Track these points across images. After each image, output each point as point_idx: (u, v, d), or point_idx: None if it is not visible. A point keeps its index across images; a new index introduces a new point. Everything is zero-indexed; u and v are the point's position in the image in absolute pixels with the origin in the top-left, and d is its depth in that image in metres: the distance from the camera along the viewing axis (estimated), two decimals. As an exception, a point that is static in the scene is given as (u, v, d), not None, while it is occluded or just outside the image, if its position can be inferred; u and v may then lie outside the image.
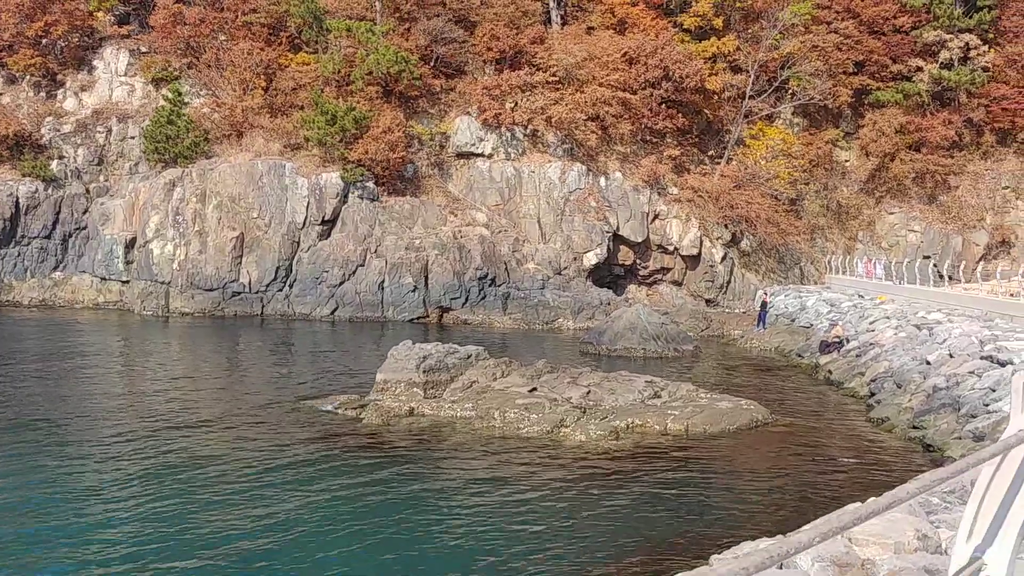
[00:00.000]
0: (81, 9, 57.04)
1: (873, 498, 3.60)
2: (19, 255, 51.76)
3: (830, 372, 30.99)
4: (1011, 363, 22.10)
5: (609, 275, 54.13)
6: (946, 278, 42.90)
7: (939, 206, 58.92)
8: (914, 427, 21.54)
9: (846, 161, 60.77)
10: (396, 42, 51.94)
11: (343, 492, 15.97)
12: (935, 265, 48.94)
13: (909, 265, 45.48)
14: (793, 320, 43.71)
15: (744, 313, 50.83)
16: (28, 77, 57.34)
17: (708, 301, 54.50)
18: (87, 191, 54.08)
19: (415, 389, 23.42)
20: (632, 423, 21.56)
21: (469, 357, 25.38)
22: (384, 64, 49.80)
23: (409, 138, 52.03)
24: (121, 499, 15.31)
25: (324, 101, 49.09)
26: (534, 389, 23.28)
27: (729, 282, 55.26)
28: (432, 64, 54.03)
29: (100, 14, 58.34)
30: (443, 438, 20.11)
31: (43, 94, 57.56)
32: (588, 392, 23.67)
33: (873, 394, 25.99)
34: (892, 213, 59.22)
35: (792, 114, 60.50)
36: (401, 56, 50.13)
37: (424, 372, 23.76)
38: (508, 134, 53.09)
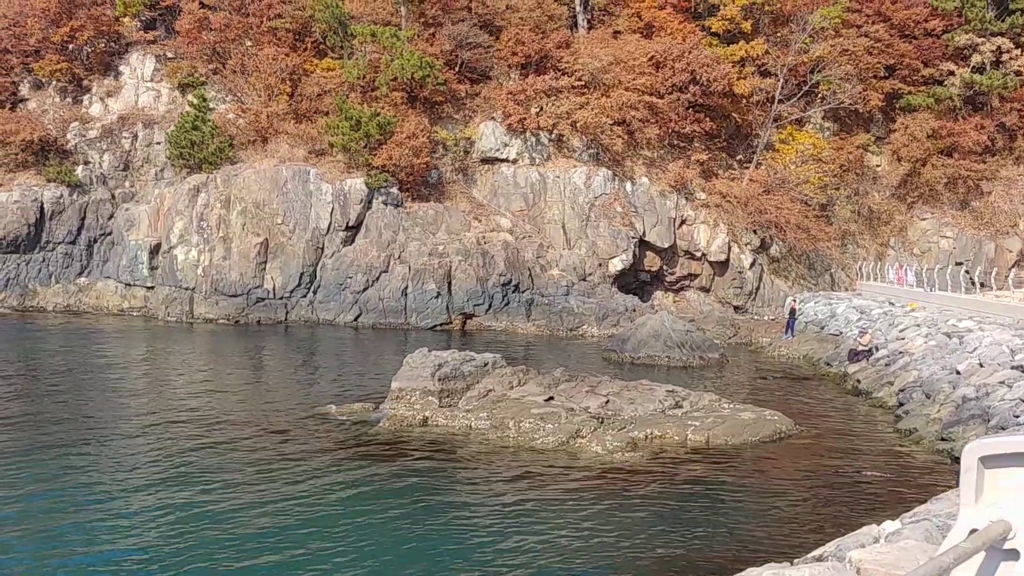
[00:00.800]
0: (107, 15, 57.34)
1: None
2: (44, 260, 51.99)
3: (858, 381, 30.29)
4: (1044, 374, 21.41)
5: (635, 281, 53.55)
6: (978, 285, 41.96)
7: (971, 212, 57.81)
8: (943, 439, 20.88)
9: (877, 166, 59.80)
10: (421, 47, 51.71)
11: (350, 503, 15.61)
12: (967, 272, 47.92)
13: (940, 272, 44.57)
14: (822, 328, 42.91)
15: (773, 320, 50.04)
16: (54, 83, 57.69)
17: (736, 308, 53.75)
18: (113, 197, 54.29)
19: (430, 397, 23.03)
20: (651, 434, 21.05)
21: (486, 365, 24.97)
22: (409, 69, 49.59)
23: (433, 143, 51.79)
24: (127, 505, 15.07)
25: (348, 107, 48.94)
26: (551, 398, 22.83)
27: (758, 288, 54.49)
28: (457, 69, 53.76)
29: (126, 20, 58.58)
30: (456, 449, 19.71)
31: (69, 99, 57.87)
32: (607, 401, 23.18)
33: (901, 404, 25.30)
34: (924, 219, 58.19)
35: (822, 118, 59.64)
36: (426, 61, 49.90)
37: (439, 380, 23.38)
38: (533, 139, 52.70)
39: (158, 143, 54.62)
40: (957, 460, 19.04)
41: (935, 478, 18.19)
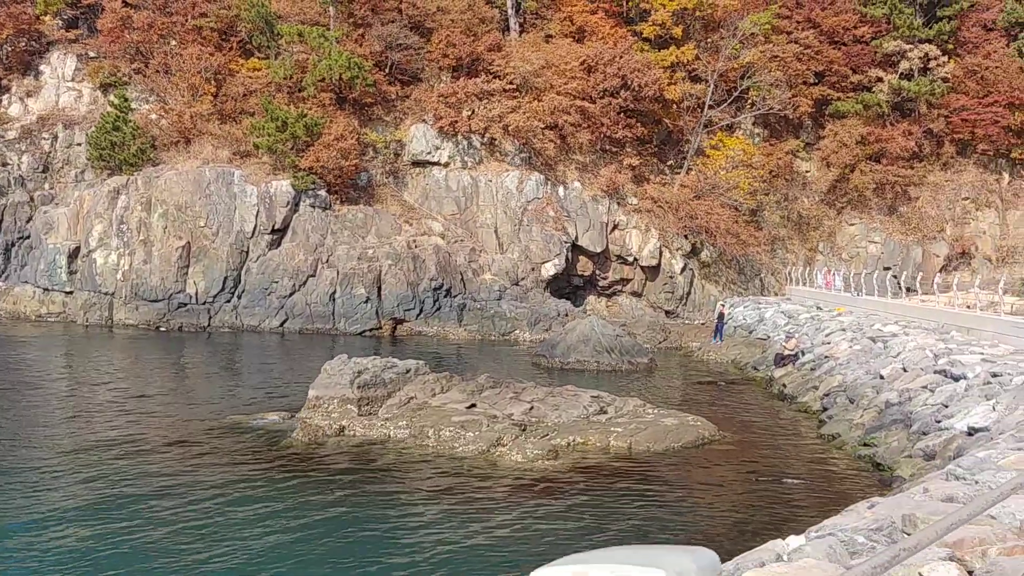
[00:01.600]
0: (28, 13, 55.52)
1: None
2: (-42, 265, 50.13)
3: (784, 386, 30.23)
4: (964, 377, 21.39)
5: (568, 286, 53.31)
6: (903, 290, 42.40)
7: (899, 217, 58.63)
8: (865, 444, 20.75)
9: (807, 172, 60.36)
10: (349, 48, 50.88)
11: (255, 520, 14.88)
12: (895, 276, 48.46)
13: (868, 276, 44.97)
14: (751, 332, 43.04)
15: (703, 324, 50.19)
16: (-29, 82, 55.78)
17: (668, 312, 53.80)
18: (31, 199, 52.53)
19: (349, 406, 22.33)
20: (573, 441, 20.62)
21: (408, 372, 24.33)
22: (336, 70, 48.75)
23: (363, 146, 51.00)
24: (20, 522, 14.16)
25: (274, 107, 47.91)
26: (473, 405, 22.28)
27: (689, 293, 54.61)
28: (387, 71, 53.03)
29: (47, 18, 56.83)
30: (371, 459, 19.05)
31: (-14, 99, 55.97)
32: (531, 408, 22.72)
33: (825, 409, 25.22)
34: (852, 224, 58.87)
35: (752, 124, 60.04)
36: (354, 62, 49.09)
37: (359, 388, 22.68)
38: (465, 142, 52.19)
39: (79, 144, 53.04)
40: (879, 466, 18.95)
41: (855, 484, 18.01)
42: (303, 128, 47.24)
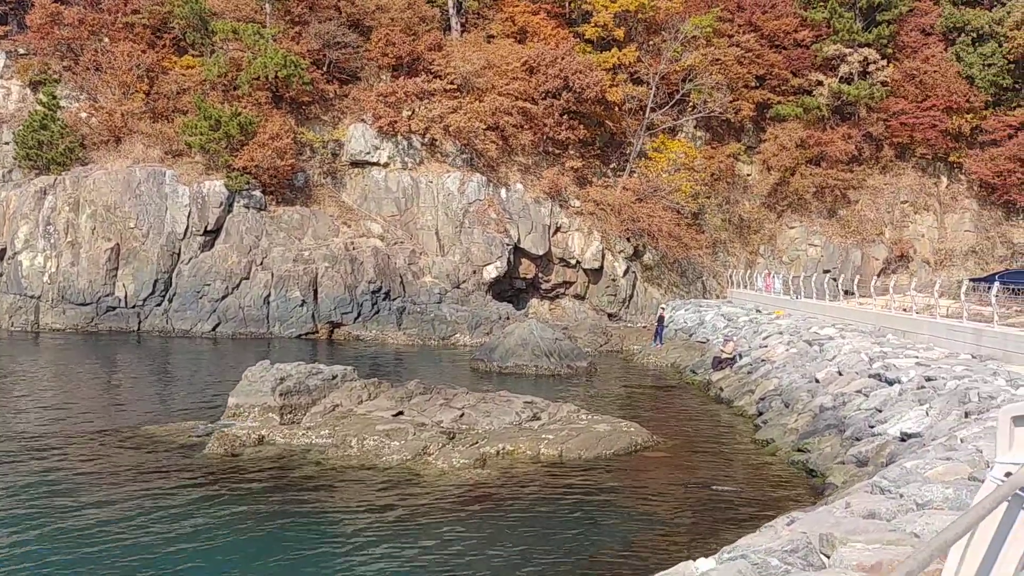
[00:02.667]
0: (-47, 7, 53.72)
1: None
2: None
3: (721, 390, 29.91)
4: (899, 381, 21.15)
5: (511, 289, 52.77)
6: (840, 292, 42.46)
7: (839, 220, 58.95)
8: (798, 450, 20.40)
9: (748, 175, 60.51)
10: (286, 46, 49.86)
11: (154, 539, 14.03)
12: (834, 279, 48.61)
13: (807, 279, 45.00)
14: (691, 335, 42.80)
15: (645, 327, 49.91)
16: None
17: (611, 315, 53.51)
18: (-45, 199, 50.68)
19: (271, 414, 21.53)
20: (503, 449, 20.00)
21: (334, 378, 23.54)
22: (272, 68, 47.72)
23: (300, 145, 50.01)
24: None
25: (207, 106, 46.74)
26: (400, 413, 21.58)
27: (631, 296, 54.39)
28: (325, 69, 52.08)
29: (-27, 13, 55.03)
30: (288, 471, 18.24)
31: (-91, 96, 53.95)
32: (461, 415, 22.09)
33: (761, 413, 24.90)
34: (793, 227, 59.09)
35: (695, 128, 60.04)
36: (290, 60, 48.11)
37: (281, 395, 21.88)
38: (405, 143, 51.42)
39: (6, 143, 51.30)
40: (812, 473, 18.58)
41: (787, 492, 17.61)
42: (237, 127, 46.17)
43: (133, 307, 45.63)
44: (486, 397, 23.59)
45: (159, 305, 45.83)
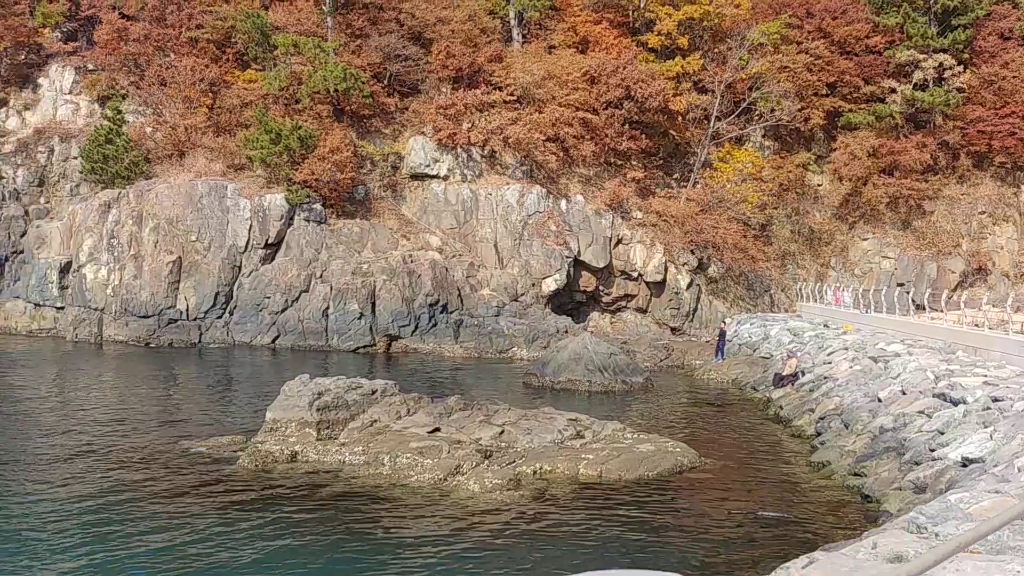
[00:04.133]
0: (27, 25, 55.00)
1: None
2: (-50, 280, 49.44)
3: (781, 408, 28.71)
4: (964, 401, 19.91)
5: (571, 302, 51.92)
6: (912, 307, 40.73)
7: (914, 232, 56.89)
8: (855, 474, 19.26)
9: (818, 185, 58.80)
10: (346, 59, 49.89)
11: (164, 557, 13.64)
12: (908, 293, 46.75)
13: (877, 293, 43.34)
14: (755, 350, 41.45)
15: (709, 342, 48.50)
16: (-31, 95, 55.28)
17: (674, 329, 52.28)
18: (26, 213, 51.92)
19: (308, 429, 21.07)
20: (540, 469, 19.28)
21: (374, 393, 23.02)
22: (331, 81, 47.72)
23: (360, 159, 49.95)
24: None
25: (268, 120, 46.94)
26: (436, 429, 20.97)
27: (696, 309, 53.07)
28: (386, 82, 52.02)
29: (46, 31, 56.31)
30: (315, 489, 17.74)
31: (-16, 113, 55.45)
32: (501, 432, 21.39)
33: (819, 434, 23.71)
34: (865, 239, 57.20)
35: (762, 137, 58.58)
36: (350, 73, 48.07)
37: (318, 410, 21.41)
38: (464, 155, 51.03)
39: (75, 158, 52.37)
40: (867, 498, 17.47)
41: (838, 519, 16.56)
42: (297, 140, 46.25)
43: (194, 319, 45.92)
44: (528, 414, 22.87)
45: (220, 317, 46.05)
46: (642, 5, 56.09)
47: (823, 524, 16.29)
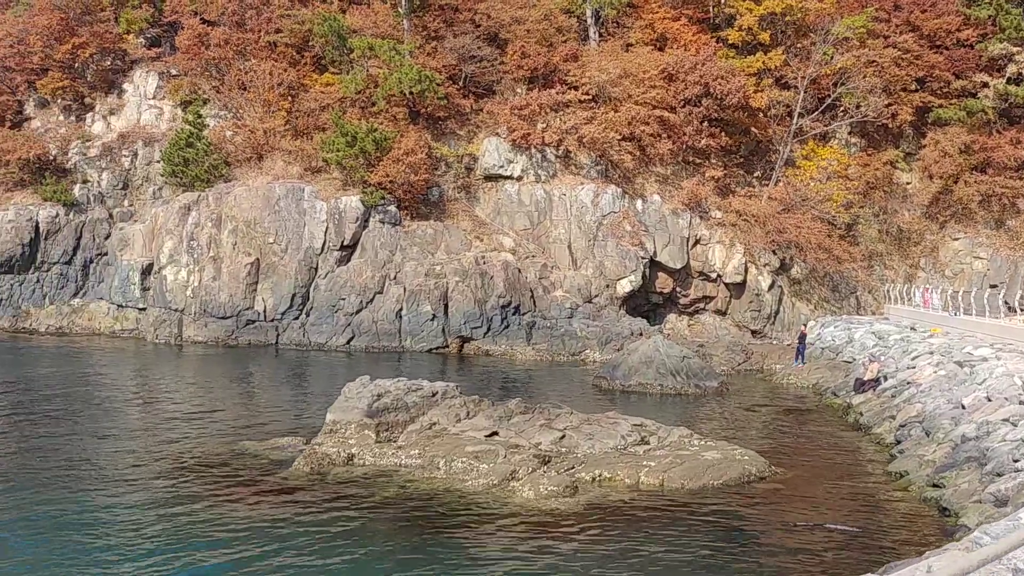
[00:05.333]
0: (111, 32, 56.31)
1: None
2: (38, 281, 50.88)
3: (861, 414, 27.54)
4: (1053, 410, 18.69)
5: (647, 304, 51.02)
6: (1003, 309, 38.85)
7: (1008, 231, 54.46)
8: (933, 485, 18.21)
9: (907, 183, 56.76)
10: (422, 61, 49.85)
11: (208, 558, 13.45)
12: (1000, 295, 44.68)
13: (967, 295, 41.50)
14: (838, 354, 40.03)
15: (789, 345, 47.09)
16: (59, 101, 56.79)
17: (754, 332, 50.96)
18: (111, 216, 53.17)
19: (366, 431, 20.81)
20: (599, 475, 18.68)
21: (434, 395, 22.69)
22: (406, 83, 47.70)
23: (435, 160, 49.86)
24: None
25: (344, 122, 47.15)
26: (494, 433, 20.50)
27: (777, 312, 51.65)
28: (461, 84, 51.84)
29: (131, 37, 57.60)
30: (367, 493, 17.41)
31: (73, 118, 56.95)
32: (562, 437, 20.85)
33: (899, 442, 22.57)
34: (957, 239, 54.97)
35: (848, 134, 56.77)
36: (425, 75, 47.99)
37: (377, 412, 21.17)
38: (538, 155, 50.54)
39: (158, 161, 53.34)
40: (945, 511, 16.45)
41: (912, 533, 15.60)
42: (372, 143, 46.34)
43: (271, 320, 46.35)
44: (591, 418, 22.25)
45: (296, 319, 46.39)
46: (722, 0, 54.89)
47: (896, 538, 15.36)
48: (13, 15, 58.44)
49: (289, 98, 51.50)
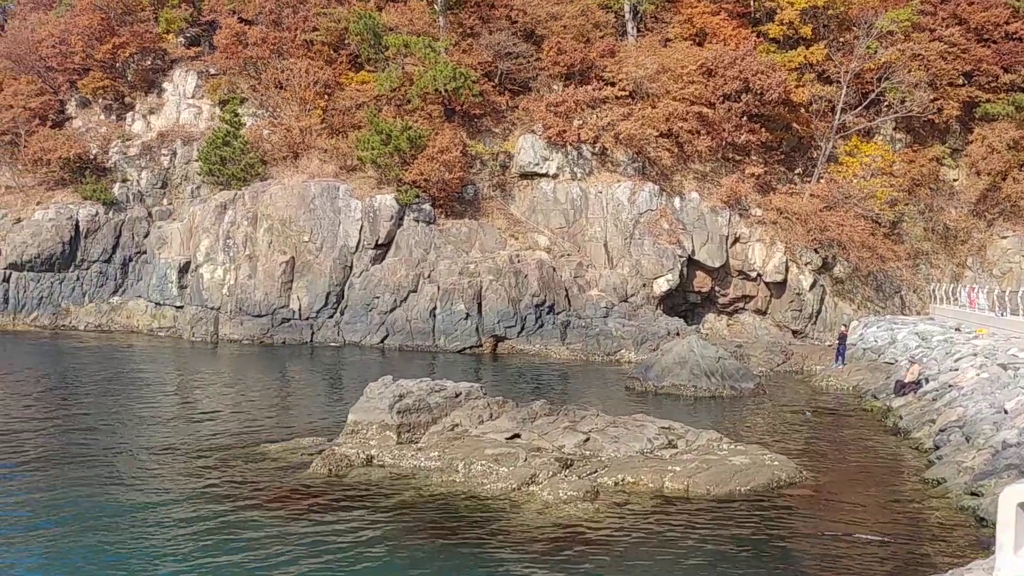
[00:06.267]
0: (151, 31, 56.68)
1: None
2: (78, 279, 51.31)
3: (900, 418, 26.70)
4: (1100, 416, 17.85)
5: (684, 303, 50.29)
6: (1052, 309, 37.66)
7: (1058, 229, 53.00)
8: (971, 493, 17.44)
9: (954, 180, 55.47)
10: (457, 58, 49.53)
11: (215, 563, 13.18)
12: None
13: (1014, 294, 40.28)
14: (879, 355, 39.05)
15: (831, 346, 46.07)
16: (100, 100, 57.29)
17: (795, 332, 50.03)
18: (149, 214, 53.50)
19: (388, 432, 20.47)
20: (622, 480, 18.16)
21: (458, 396, 22.27)
22: (441, 81, 47.40)
23: (470, 158, 49.51)
24: None
25: (379, 120, 46.98)
26: (516, 436, 20.06)
27: (819, 312, 50.67)
28: (496, 81, 51.44)
29: (170, 36, 57.93)
30: (384, 496, 17.04)
31: (114, 117, 57.42)
32: (586, 440, 20.35)
33: (937, 447, 21.78)
34: (1005, 237, 53.57)
35: (893, 129, 55.56)
36: (459, 72, 47.66)
37: (399, 413, 20.79)
38: (574, 153, 50.01)
39: (196, 160, 53.56)
40: (983, 521, 15.71)
41: (944, 545, 14.91)
42: (407, 141, 46.12)
43: (306, 319, 46.33)
44: (617, 420, 21.72)
45: (331, 317, 46.33)
46: (763, -6, 54.06)
47: (927, 549, 14.70)
48: (55, 15, 59.02)
49: (325, 96, 51.47)
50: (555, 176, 50.06)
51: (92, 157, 53.85)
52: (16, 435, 21.90)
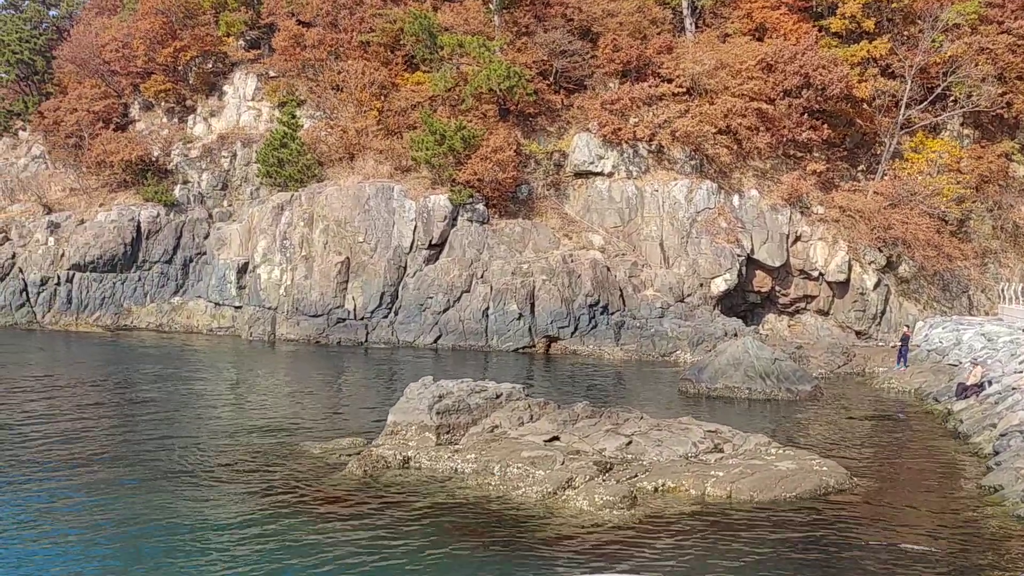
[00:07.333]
0: (211, 35, 57.41)
1: None
2: (139, 280, 52.15)
3: (960, 422, 25.78)
4: None
5: (743, 303, 49.38)
6: None
7: None
8: (1029, 502, 16.69)
9: (1024, 176, 53.65)
10: (512, 57, 49.26)
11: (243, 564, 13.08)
12: None
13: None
14: (943, 357, 37.87)
15: (895, 347, 44.86)
16: (162, 103, 58.21)
17: (859, 333, 48.79)
18: (210, 216, 54.19)
19: (427, 434, 20.29)
20: (662, 485, 17.71)
21: (498, 397, 22.00)
22: (495, 80, 47.17)
23: (524, 157, 49.20)
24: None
25: (433, 121, 46.92)
26: (555, 438, 19.73)
27: (883, 312, 49.33)
28: (551, 79, 51.07)
29: (230, 39, 58.62)
30: (419, 499, 16.83)
31: (176, 120, 58.31)
32: (628, 443, 19.93)
33: (996, 452, 20.92)
34: (1079, 234, 51.64)
35: (960, 125, 53.91)
36: (513, 71, 47.38)
37: (438, 414, 20.60)
38: (630, 151, 49.39)
39: (256, 162, 54.09)
40: (1038, 532, 14.97)
41: (996, 556, 14.21)
42: (460, 141, 45.98)
43: (361, 319, 46.47)
44: (662, 423, 21.26)
45: (385, 317, 46.41)
46: (824, -12, 52.84)
47: (977, 561, 14.03)
48: (119, 20, 60.12)
49: (381, 97, 51.59)
50: (610, 175, 49.51)
51: (154, 159, 54.75)
52: (80, 433, 22.24)
